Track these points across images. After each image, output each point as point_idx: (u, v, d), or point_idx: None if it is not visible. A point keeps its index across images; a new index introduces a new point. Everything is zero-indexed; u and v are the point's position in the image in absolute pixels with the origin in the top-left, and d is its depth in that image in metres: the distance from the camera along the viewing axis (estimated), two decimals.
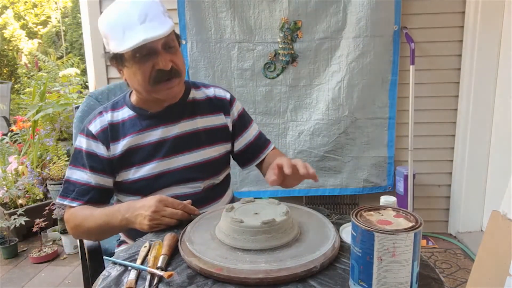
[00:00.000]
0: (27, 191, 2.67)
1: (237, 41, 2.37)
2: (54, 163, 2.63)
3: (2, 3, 7.63)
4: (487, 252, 1.52)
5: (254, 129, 1.29)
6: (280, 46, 2.37)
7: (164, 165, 1.11)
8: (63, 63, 4.06)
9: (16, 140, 3.30)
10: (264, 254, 0.80)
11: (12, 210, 2.54)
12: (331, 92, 2.39)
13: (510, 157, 2.20)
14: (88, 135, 1.10)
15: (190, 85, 1.21)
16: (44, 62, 3.91)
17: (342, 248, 0.84)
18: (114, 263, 0.83)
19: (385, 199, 0.82)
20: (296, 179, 1.02)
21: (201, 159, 1.15)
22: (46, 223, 2.48)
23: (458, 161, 2.49)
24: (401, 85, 2.41)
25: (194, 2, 2.32)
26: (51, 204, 2.58)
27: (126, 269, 0.81)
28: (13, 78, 6.67)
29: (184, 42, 2.36)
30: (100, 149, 1.09)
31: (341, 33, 2.35)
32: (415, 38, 2.32)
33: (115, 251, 1.24)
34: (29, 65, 4.97)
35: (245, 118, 1.28)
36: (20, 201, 2.61)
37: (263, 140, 1.30)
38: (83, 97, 2.50)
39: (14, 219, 2.40)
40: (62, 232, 2.53)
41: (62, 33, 6.69)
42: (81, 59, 4.53)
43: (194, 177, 1.14)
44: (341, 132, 2.44)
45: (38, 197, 2.69)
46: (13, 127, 3.35)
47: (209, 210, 1.08)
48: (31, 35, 7.64)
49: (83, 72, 3.89)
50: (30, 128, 2.97)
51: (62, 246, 2.55)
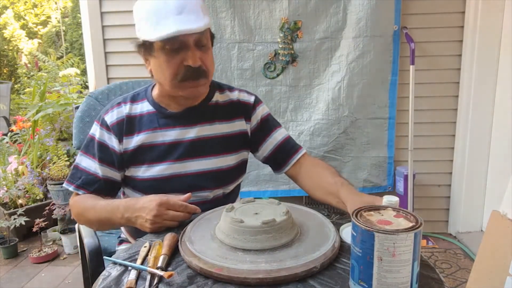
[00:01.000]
0: (27, 191, 2.67)
1: (237, 41, 2.37)
2: (54, 163, 2.63)
3: (2, 3, 7.63)
4: (487, 252, 1.51)
5: (280, 133, 1.20)
6: (280, 46, 2.37)
7: (175, 168, 1.07)
8: (63, 63, 4.06)
9: (16, 140, 3.30)
10: (264, 254, 0.80)
11: (12, 210, 2.54)
12: (331, 92, 2.39)
13: (510, 157, 2.20)
14: (103, 125, 1.07)
15: (216, 87, 1.16)
16: (44, 62, 3.91)
17: (342, 248, 0.84)
18: (114, 263, 0.83)
19: (387, 199, 0.82)
20: None
21: (215, 166, 1.10)
22: (46, 223, 2.48)
23: (458, 161, 2.49)
24: (401, 85, 2.41)
25: None
26: (51, 204, 2.58)
27: (126, 269, 0.81)
28: (13, 78, 6.67)
29: None
30: (112, 141, 1.06)
31: (341, 33, 2.35)
32: (415, 38, 2.32)
33: (116, 249, 1.24)
34: (29, 65, 4.97)
35: (270, 123, 1.20)
36: (20, 201, 2.61)
37: (291, 145, 1.20)
38: (83, 97, 2.50)
39: (14, 219, 2.40)
40: (62, 232, 2.53)
41: (62, 33, 6.69)
42: (81, 59, 4.53)
43: (205, 185, 1.09)
44: (341, 132, 2.44)
45: (38, 197, 2.69)
46: (13, 127, 3.35)
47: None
48: (31, 35, 7.64)
49: (83, 72, 3.89)
50: (30, 128, 2.97)
51: (62, 246, 2.55)
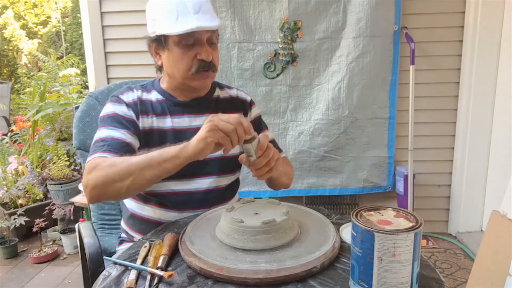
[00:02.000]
0: (27, 191, 2.67)
1: (237, 41, 2.37)
2: (54, 163, 2.63)
3: (2, 3, 7.63)
4: (487, 252, 1.52)
5: (269, 134, 1.25)
6: (280, 46, 2.37)
7: None
8: (63, 63, 4.06)
9: (16, 140, 3.30)
10: (264, 254, 0.80)
11: (12, 210, 2.54)
12: (331, 92, 2.39)
13: (510, 157, 2.20)
14: (120, 101, 1.10)
15: (215, 84, 1.24)
16: (44, 62, 3.91)
17: (342, 248, 0.84)
18: (114, 263, 0.83)
19: None
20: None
21: (220, 154, 1.12)
22: (46, 223, 2.48)
23: (458, 161, 2.49)
24: (401, 85, 2.41)
25: None
26: (51, 204, 2.58)
27: (126, 269, 0.81)
28: (13, 78, 6.67)
29: None
30: (132, 115, 1.08)
31: (341, 33, 2.35)
32: (415, 38, 2.32)
33: (116, 250, 1.24)
34: (29, 65, 4.97)
35: (261, 123, 1.30)
36: (20, 201, 2.61)
37: (275, 147, 1.26)
38: (83, 97, 2.50)
39: (14, 219, 2.40)
40: (62, 232, 2.54)
41: (62, 33, 6.69)
42: (81, 59, 4.53)
43: (210, 171, 1.14)
44: (341, 132, 2.44)
45: (38, 197, 2.69)
46: (13, 127, 3.35)
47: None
48: (31, 35, 7.64)
49: (83, 72, 3.89)
50: (30, 128, 2.97)
51: (62, 246, 2.55)
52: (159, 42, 1.07)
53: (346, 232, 0.90)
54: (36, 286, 2.18)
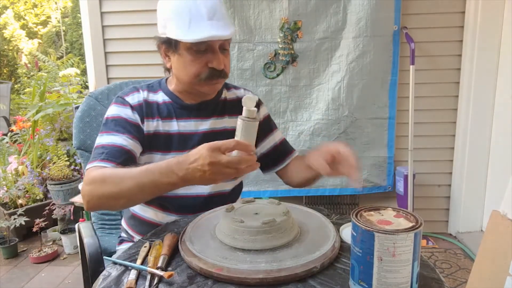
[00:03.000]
0: (27, 191, 2.67)
1: (237, 41, 2.37)
2: (54, 163, 2.63)
3: (2, 3, 7.63)
4: (487, 252, 1.51)
5: (278, 135, 1.27)
6: (280, 46, 2.37)
7: None
8: (63, 63, 4.06)
9: (16, 140, 3.30)
10: (264, 254, 0.80)
11: (12, 210, 2.54)
12: (331, 92, 2.39)
13: (510, 157, 2.20)
14: (125, 104, 1.07)
15: (223, 85, 1.21)
16: (44, 62, 3.91)
17: (342, 248, 0.84)
18: (114, 263, 0.83)
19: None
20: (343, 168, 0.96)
21: None
22: (46, 223, 2.48)
23: (458, 161, 2.49)
24: (401, 85, 2.41)
25: None
26: (51, 204, 2.58)
27: (126, 269, 0.81)
28: (13, 78, 6.67)
29: None
30: (137, 119, 1.06)
31: (341, 33, 2.35)
32: (415, 38, 2.32)
33: (116, 249, 1.24)
34: (29, 65, 4.97)
35: (271, 123, 1.27)
36: (20, 201, 2.61)
37: (288, 146, 1.28)
38: (83, 97, 2.50)
39: (14, 219, 2.40)
40: (62, 232, 2.54)
41: (62, 33, 6.69)
42: (81, 59, 4.53)
43: None
44: (341, 132, 2.44)
45: (38, 197, 2.69)
46: (13, 127, 3.35)
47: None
48: (31, 35, 7.64)
49: (83, 72, 3.89)
50: (30, 128, 2.97)
51: (62, 246, 2.55)
52: (170, 44, 1.03)
53: (346, 232, 0.90)
54: (36, 286, 2.18)
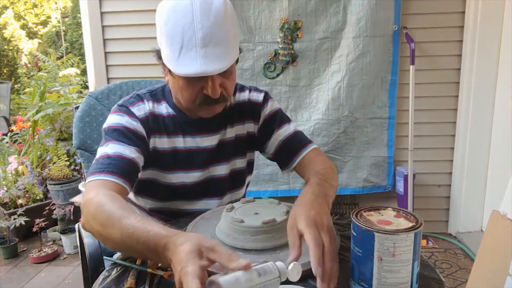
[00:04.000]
0: (27, 191, 2.67)
1: None
2: (54, 163, 2.63)
3: (2, 3, 7.63)
4: (487, 252, 1.51)
5: (286, 130, 1.12)
6: (280, 46, 2.37)
7: (196, 177, 1.06)
8: (63, 63, 4.05)
9: (16, 140, 3.30)
10: (264, 254, 0.80)
11: (12, 210, 2.54)
12: (331, 92, 2.39)
13: (510, 157, 2.20)
14: (131, 114, 0.98)
15: None
16: (44, 62, 3.90)
17: (342, 248, 0.84)
18: (114, 263, 0.83)
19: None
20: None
21: (228, 171, 1.11)
22: (46, 223, 2.48)
23: (458, 161, 2.49)
24: (401, 85, 2.41)
25: None
26: (51, 204, 2.58)
27: (126, 269, 0.81)
28: (13, 78, 6.67)
29: None
30: (143, 131, 0.98)
31: (341, 33, 2.35)
32: (415, 38, 2.32)
33: None
34: (29, 65, 4.97)
35: (277, 119, 1.13)
36: (20, 201, 2.61)
37: (298, 140, 1.11)
38: (83, 97, 2.49)
39: (14, 219, 2.40)
40: (62, 232, 2.53)
41: (62, 33, 6.69)
42: (81, 59, 4.52)
43: (219, 190, 1.10)
44: (341, 132, 2.44)
45: (38, 197, 2.69)
46: (13, 127, 3.35)
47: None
48: (31, 35, 7.64)
49: (83, 72, 3.88)
50: (30, 128, 2.97)
51: (62, 246, 2.55)
52: (163, 61, 0.92)
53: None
54: (36, 286, 2.18)
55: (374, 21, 2.29)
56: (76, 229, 2.18)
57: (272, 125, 1.12)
